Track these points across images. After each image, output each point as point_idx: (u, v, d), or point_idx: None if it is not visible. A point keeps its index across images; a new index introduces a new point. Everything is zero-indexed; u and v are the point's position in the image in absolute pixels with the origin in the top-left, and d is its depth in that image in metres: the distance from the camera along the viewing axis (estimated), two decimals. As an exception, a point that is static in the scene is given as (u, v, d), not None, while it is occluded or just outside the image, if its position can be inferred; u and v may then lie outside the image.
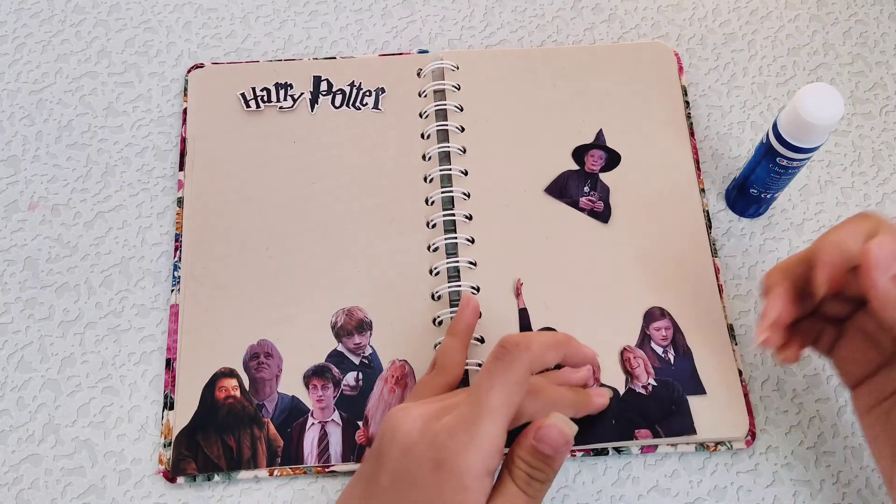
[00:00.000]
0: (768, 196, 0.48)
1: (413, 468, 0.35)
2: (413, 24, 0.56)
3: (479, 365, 0.45)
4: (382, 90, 0.52)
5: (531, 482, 0.35)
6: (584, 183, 0.50)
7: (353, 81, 0.53)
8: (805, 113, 0.41)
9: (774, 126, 0.43)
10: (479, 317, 0.46)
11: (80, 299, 0.48)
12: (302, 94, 0.52)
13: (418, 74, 0.53)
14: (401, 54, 0.54)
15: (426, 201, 0.49)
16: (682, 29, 0.56)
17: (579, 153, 0.51)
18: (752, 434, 0.44)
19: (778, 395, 0.46)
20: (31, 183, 0.51)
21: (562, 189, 0.50)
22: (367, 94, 0.52)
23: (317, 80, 0.53)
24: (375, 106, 0.52)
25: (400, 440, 0.35)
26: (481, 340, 0.46)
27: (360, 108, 0.52)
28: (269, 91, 0.52)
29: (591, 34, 0.56)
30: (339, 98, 0.52)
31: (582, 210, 0.49)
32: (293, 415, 0.44)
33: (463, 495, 0.34)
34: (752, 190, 0.48)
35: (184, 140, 0.51)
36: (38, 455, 0.44)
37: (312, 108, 0.52)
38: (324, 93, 0.52)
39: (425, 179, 0.50)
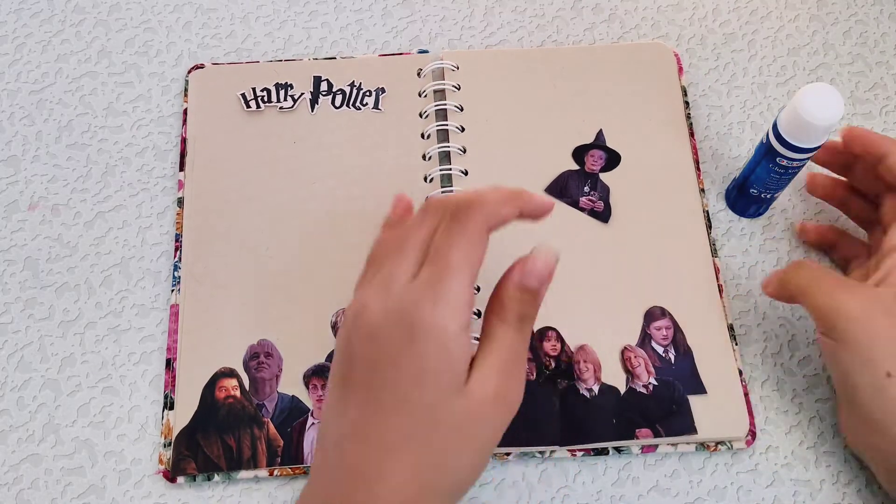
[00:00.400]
0: (768, 196, 0.48)
1: (386, 350, 0.33)
2: (413, 24, 0.56)
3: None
4: (383, 90, 0.52)
5: (523, 321, 0.35)
6: (584, 183, 0.50)
7: (354, 81, 0.53)
8: (805, 113, 0.41)
9: (774, 126, 0.43)
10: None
11: (80, 299, 0.48)
12: (302, 94, 0.52)
13: (418, 74, 0.53)
14: (401, 54, 0.54)
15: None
16: (682, 29, 0.56)
17: (579, 153, 0.51)
18: (752, 434, 0.44)
19: (778, 395, 0.46)
20: (31, 183, 0.51)
21: (562, 189, 0.50)
22: (368, 94, 0.52)
23: (317, 81, 0.53)
24: (375, 106, 0.52)
25: (363, 327, 0.34)
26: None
27: (360, 109, 0.52)
28: (269, 91, 0.52)
29: (591, 34, 0.56)
30: (339, 98, 0.52)
31: (582, 210, 0.49)
32: (293, 414, 0.44)
33: (446, 356, 0.33)
34: (752, 190, 0.48)
35: (184, 140, 0.51)
36: (38, 455, 0.44)
37: (313, 108, 0.52)
38: (324, 93, 0.52)
39: (425, 179, 0.50)
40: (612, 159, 0.51)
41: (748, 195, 0.48)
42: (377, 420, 0.33)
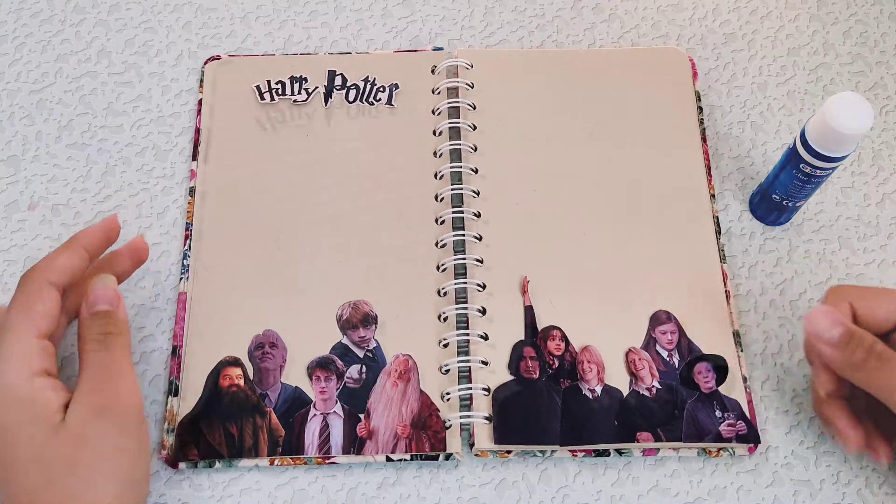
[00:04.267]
0: (790, 204, 0.47)
1: None
2: (413, 24, 0.56)
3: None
4: (396, 86, 0.53)
5: (107, 338, 0.38)
6: (711, 407, 0.44)
7: (368, 77, 0.53)
8: (834, 121, 0.40)
9: (802, 133, 0.43)
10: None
11: (80, 299, 0.48)
12: (316, 87, 0.52)
13: (433, 71, 0.53)
14: (416, 51, 0.54)
15: (436, 198, 0.49)
16: (682, 29, 0.56)
17: (686, 374, 0.45)
18: (755, 441, 0.44)
19: (778, 395, 0.46)
20: (31, 183, 0.51)
21: (697, 425, 0.44)
22: (381, 89, 0.52)
23: (331, 75, 0.53)
24: (389, 101, 0.52)
25: None
26: (485, 337, 0.46)
27: (373, 104, 0.52)
28: (283, 84, 0.52)
29: (591, 34, 0.56)
30: (353, 93, 0.52)
31: (728, 440, 0.43)
32: (296, 405, 0.44)
33: (22, 406, 0.35)
34: (774, 196, 0.47)
35: (198, 130, 0.51)
36: (38, 455, 0.44)
37: (326, 101, 0.52)
38: (338, 87, 0.53)
39: (436, 176, 0.50)
40: (721, 368, 0.45)
41: (770, 200, 0.48)
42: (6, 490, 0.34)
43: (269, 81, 0.53)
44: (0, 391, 0.35)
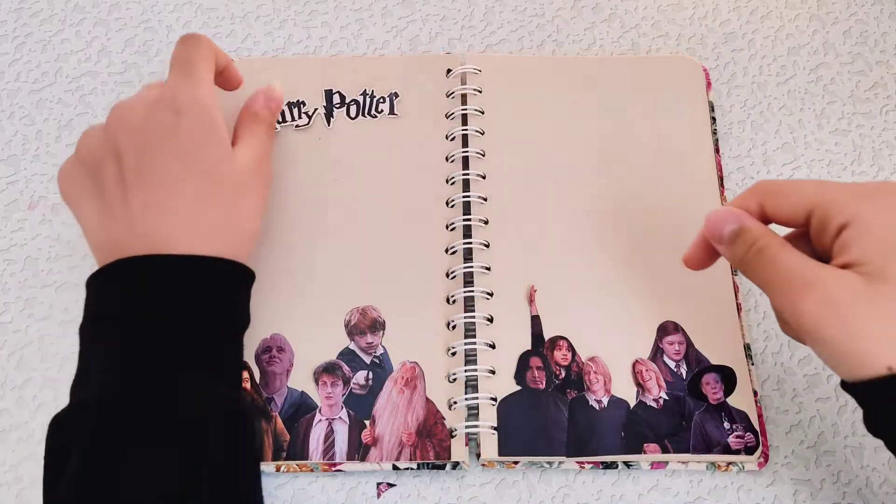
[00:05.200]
0: None
1: (155, 134, 0.39)
2: (413, 24, 0.56)
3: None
4: (396, 95, 0.52)
5: (270, 125, 0.46)
6: (719, 419, 0.44)
7: (366, 90, 0.53)
8: None
9: None
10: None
11: (80, 299, 0.47)
12: (316, 109, 0.52)
13: (446, 75, 0.53)
14: (416, 56, 0.54)
15: (447, 203, 0.49)
16: (682, 28, 0.56)
17: (694, 385, 0.45)
18: (765, 456, 0.43)
19: (778, 395, 0.46)
20: (31, 182, 0.51)
21: (704, 437, 0.43)
22: (381, 100, 0.52)
23: (328, 94, 0.53)
24: (391, 111, 0.52)
25: (126, 125, 0.39)
26: (493, 346, 0.46)
27: (375, 116, 0.52)
28: (282, 112, 0.52)
29: (591, 34, 0.56)
30: (353, 109, 0.52)
31: (737, 451, 0.43)
32: (301, 410, 0.44)
33: (213, 127, 0.40)
34: None
35: None
36: (39, 454, 0.44)
37: (329, 122, 0.52)
38: (337, 105, 0.52)
39: (447, 182, 0.50)
40: (729, 378, 0.45)
41: None
42: (162, 196, 0.38)
43: None
44: (196, 106, 0.39)
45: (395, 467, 0.43)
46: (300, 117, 0.52)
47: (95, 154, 0.39)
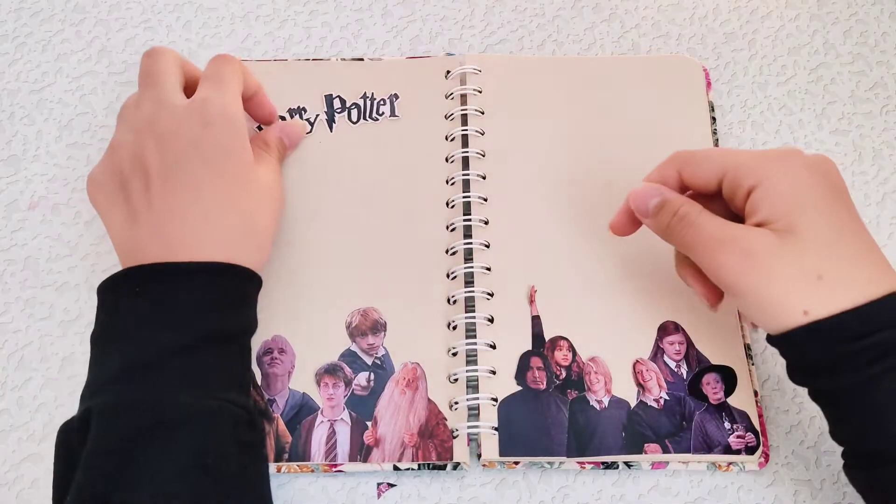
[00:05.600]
0: None
1: (185, 139, 0.40)
2: (413, 24, 0.56)
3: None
4: (396, 96, 0.52)
5: (281, 155, 0.49)
6: (720, 419, 0.44)
7: (366, 93, 0.52)
8: None
9: None
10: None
11: (81, 299, 0.48)
12: (318, 115, 0.52)
13: (446, 76, 0.53)
14: (419, 58, 0.54)
15: (447, 204, 0.49)
16: (682, 28, 0.56)
17: (694, 385, 0.45)
18: (765, 456, 0.44)
19: (778, 395, 0.46)
20: (31, 182, 0.51)
21: (705, 437, 0.44)
22: (382, 102, 0.52)
23: (329, 99, 0.52)
24: (392, 113, 0.52)
25: (155, 132, 0.41)
26: (493, 346, 0.46)
27: (377, 119, 0.52)
28: (283, 119, 0.52)
29: (591, 33, 0.56)
30: (354, 113, 0.52)
31: (738, 452, 0.43)
32: (303, 412, 0.44)
33: (239, 134, 0.42)
34: None
35: None
36: (39, 454, 0.44)
37: (331, 127, 0.52)
38: (338, 110, 0.52)
39: (447, 182, 0.50)
40: (730, 378, 0.45)
41: None
42: (186, 202, 0.39)
43: None
44: (224, 117, 0.41)
45: (395, 467, 0.43)
46: None
47: (124, 163, 0.41)
